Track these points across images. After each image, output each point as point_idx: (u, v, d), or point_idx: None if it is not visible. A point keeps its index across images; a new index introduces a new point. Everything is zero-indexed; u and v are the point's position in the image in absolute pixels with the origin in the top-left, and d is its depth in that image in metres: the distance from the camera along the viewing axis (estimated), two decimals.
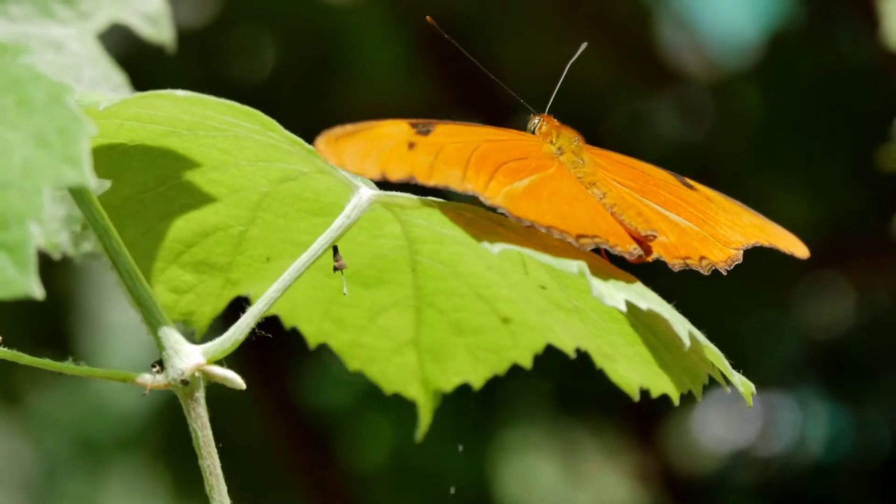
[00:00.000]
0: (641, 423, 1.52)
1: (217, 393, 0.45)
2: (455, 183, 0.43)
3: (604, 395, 1.01)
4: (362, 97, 1.30)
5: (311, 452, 1.43)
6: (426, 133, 0.44)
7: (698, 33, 1.44)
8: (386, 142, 0.43)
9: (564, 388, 1.50)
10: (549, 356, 0.51)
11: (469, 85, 1.31)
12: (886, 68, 1.28)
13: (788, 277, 1.42)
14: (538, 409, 1.56)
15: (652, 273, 0.48)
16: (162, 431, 1.55)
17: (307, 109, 1.29)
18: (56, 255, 0.59)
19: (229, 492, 0.44)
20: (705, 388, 0.46)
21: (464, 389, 0.54)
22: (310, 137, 0.43)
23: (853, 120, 1.37)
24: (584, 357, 0.49)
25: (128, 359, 1.49)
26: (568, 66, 0.52)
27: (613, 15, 1.38)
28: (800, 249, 0.50)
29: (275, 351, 1.38)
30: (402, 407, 0.57)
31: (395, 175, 0.42)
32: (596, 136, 1.39)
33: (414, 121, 0.44)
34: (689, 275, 0.48)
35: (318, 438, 1.44)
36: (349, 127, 0.43)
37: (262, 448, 1.48)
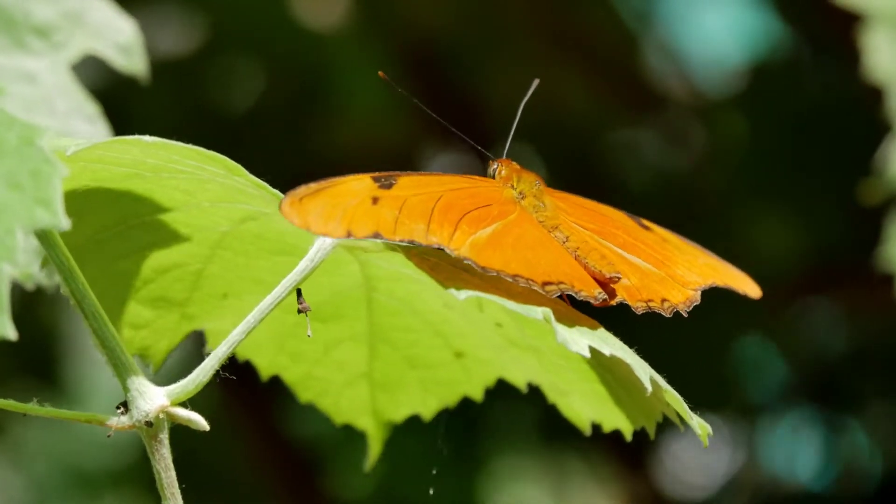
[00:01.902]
0: (632, 450, 1.52)
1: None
2: (419, 237, 0.43)
3: None
4: (348, 127, 1.30)
5: (298, 481, 1.43)
6: (389, 186, 0.44)
7: (684, 61, 1.44)
8: (350, 199, 0.43)
9: (555, 415, 1.50)
10: None
11: (456, 115, 1.32)
12: (868, 100, 1.29)
13: (778, 304, 1.42)
14: (529, 437, 1.55)
15: None
16: None
17: (293, 139, 1.29)
18: (29, 286, 0.58)
19: None
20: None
21: (451, 415, 0.54)
22: (294, 169, 0.44)
23: (839, 148, 1.38)
24: None
25: (116, 390, 1.48)
26: (521, 106, 0.52)
27: (600, 43, 1.39)
28: (752, 289, 0.51)
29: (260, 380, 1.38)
30: (390, 434, 0.57)
31: (361, 232, 0.43)
32: (583, 164, 1.40)
33: (376, 174, 0.44)
34: None
35: (304, 467, 1.44)
36: (313, 185, 0.43)
37: (248, 477, 1.47)
